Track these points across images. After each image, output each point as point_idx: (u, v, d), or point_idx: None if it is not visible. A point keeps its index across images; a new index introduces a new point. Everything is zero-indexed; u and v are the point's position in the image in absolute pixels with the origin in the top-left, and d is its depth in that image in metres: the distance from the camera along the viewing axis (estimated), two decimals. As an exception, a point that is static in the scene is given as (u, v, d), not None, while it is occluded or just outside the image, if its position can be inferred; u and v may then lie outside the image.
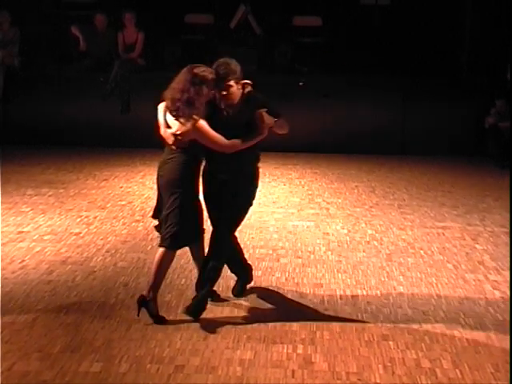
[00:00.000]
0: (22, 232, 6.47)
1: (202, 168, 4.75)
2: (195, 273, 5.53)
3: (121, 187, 8.34)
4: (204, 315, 4.70)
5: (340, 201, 7.90)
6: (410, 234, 6.67)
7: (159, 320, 4.61)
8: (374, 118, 10.46)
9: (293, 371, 4.03)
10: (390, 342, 4.40)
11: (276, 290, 5.25)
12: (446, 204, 7.78)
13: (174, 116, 4.56)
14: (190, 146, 4.56)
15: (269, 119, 4.62)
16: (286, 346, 4.31)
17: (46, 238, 6.34)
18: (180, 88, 4.52)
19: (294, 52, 11.22)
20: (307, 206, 7.66)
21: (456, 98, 10.43)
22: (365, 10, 11.70)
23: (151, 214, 5.00)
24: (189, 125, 4.49)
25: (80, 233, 6.52)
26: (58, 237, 6.39)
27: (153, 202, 7.56)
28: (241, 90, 4.63)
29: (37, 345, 4.22)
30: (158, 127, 4.71)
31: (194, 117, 4.48)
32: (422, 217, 7.25)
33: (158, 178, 4.77)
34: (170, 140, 4.59)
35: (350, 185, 8.63)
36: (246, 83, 4.69)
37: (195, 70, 4.54)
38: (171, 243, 4.63)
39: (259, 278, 5.47)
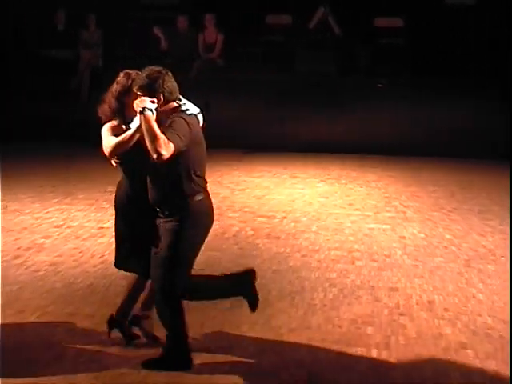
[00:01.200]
0: (102, 228, 6.64)
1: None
2: (270, 273, 5.57)
3: (197, 185, 8.42)
4: (278, 316, 4.71)
5: (417, 204, 7.76)
6: (490, 241, 6.48)
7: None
8: (452, 120, 10.25)
9: (366, 375, 3.98)
10: (469, 351, 4.28)
11: (350, 292, 5.20)
12: (529, 210, 7.53)
13: None
14: (126, 159, 4.02)
15: (142, 103, 3.78)
16: (360, 349, 4.26)
17: (125, 234, 6.48)
18: (107, 92, 4.14)
19: (374, 53, 11.12)
20: (383, 209, 7.57)
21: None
22: (450, 9, 11.46)
23: None
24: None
25: (158, 230, 6.63)
26: (136, 233, 6.51)
27: (230, 201, 7.76)
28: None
29: (115, 338, 4.31)
30: None
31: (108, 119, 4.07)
32: (503, 223, 7.03)
33: None
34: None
35: (428, 189, 8.47)
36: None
37: (121, 72, 4.13)
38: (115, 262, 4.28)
39: (334, 280, 5.44)
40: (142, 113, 3.76)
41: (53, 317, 4.58)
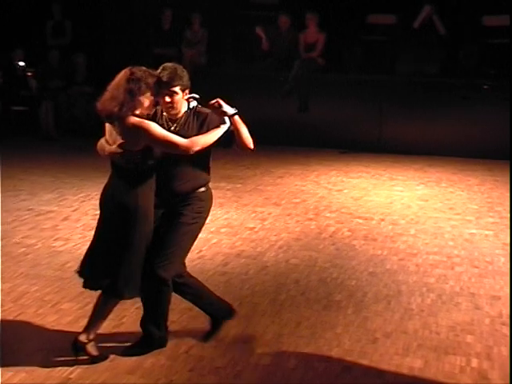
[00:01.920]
0: (200, 223, 6.74)
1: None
2: (366, 275, 5.51)
3: (295, 185, 8.46)
4: (374, 318, 4.66)
5: (523, 210, 7.47)
6: None
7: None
8: None
9: (466, 385, 3.87)
10: None
11: (449, 298, 5.06)
12: None
13: (109, 123, 3.95)
14: (139, 159, 3.86)
15: (227, 108, 4.00)
16: (459, 358, 4.14)
17: (222, 230, 6.57)
18: (113, 88, 3.90)
19: (481, 54, 10.74)
20: (486, 215, 7.33)
21: None
22: None
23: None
24: (124, 126, 3.84)
25: (254, 227, 6.69)
26: (233, 230, 6.60)
27: (327, 201, 7.73)
28: (186, 102, 4.06)
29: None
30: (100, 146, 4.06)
31: (129, 115, 3.84)
32: None
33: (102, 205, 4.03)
34: (115, 154, 3.89)
35: (534, 194, 8.13)
36: (192, 97, 4.08)
37: (133, 70, 3.93)
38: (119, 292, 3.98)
39: (432, 285, 5.31)
40: (232, 116, 4.02)
41: (152, 309, 4.69)
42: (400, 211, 7.43)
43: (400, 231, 6.71)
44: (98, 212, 4.05)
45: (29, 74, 11.29)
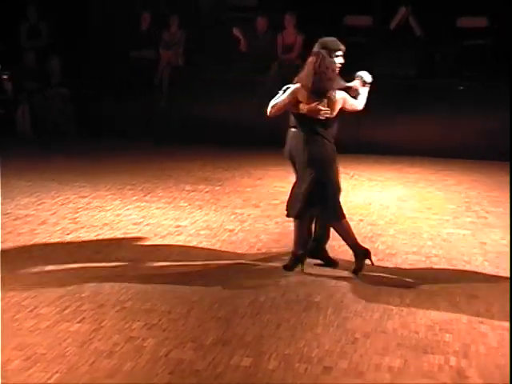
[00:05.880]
0: (180, 226, 6.74)
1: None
2: (345, 275, 5.53)
3: (274, 186, 8.47)
4: (353, 319, 4.68)
5: (500, 210, 7.54)
6: None
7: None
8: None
9: (445, 384, 3.89)
10: (556, 363, 4.11)
11: (427, 298, 5.09)
12: None
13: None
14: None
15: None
16: (437, 356, 4.16)
17: (201, 232, 6.56)
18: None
19: (457, 55, 10.84)
20: (463, 214, 7.40)
21: None
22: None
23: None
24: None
25: (234, 229, 6.69)
26: (212, 232, 6.59)
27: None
28: None
29: (191, 335, 4.36)
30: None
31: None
32: None
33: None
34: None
35: (511, 194, 8.21)
36: None
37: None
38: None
39: (411, 285, 5.35)
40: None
41: (131, 312, 4.67)
42: (379, 212, 7.47)
43: (379, 232, 6.75)
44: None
45: (4, 77, 11.19)
